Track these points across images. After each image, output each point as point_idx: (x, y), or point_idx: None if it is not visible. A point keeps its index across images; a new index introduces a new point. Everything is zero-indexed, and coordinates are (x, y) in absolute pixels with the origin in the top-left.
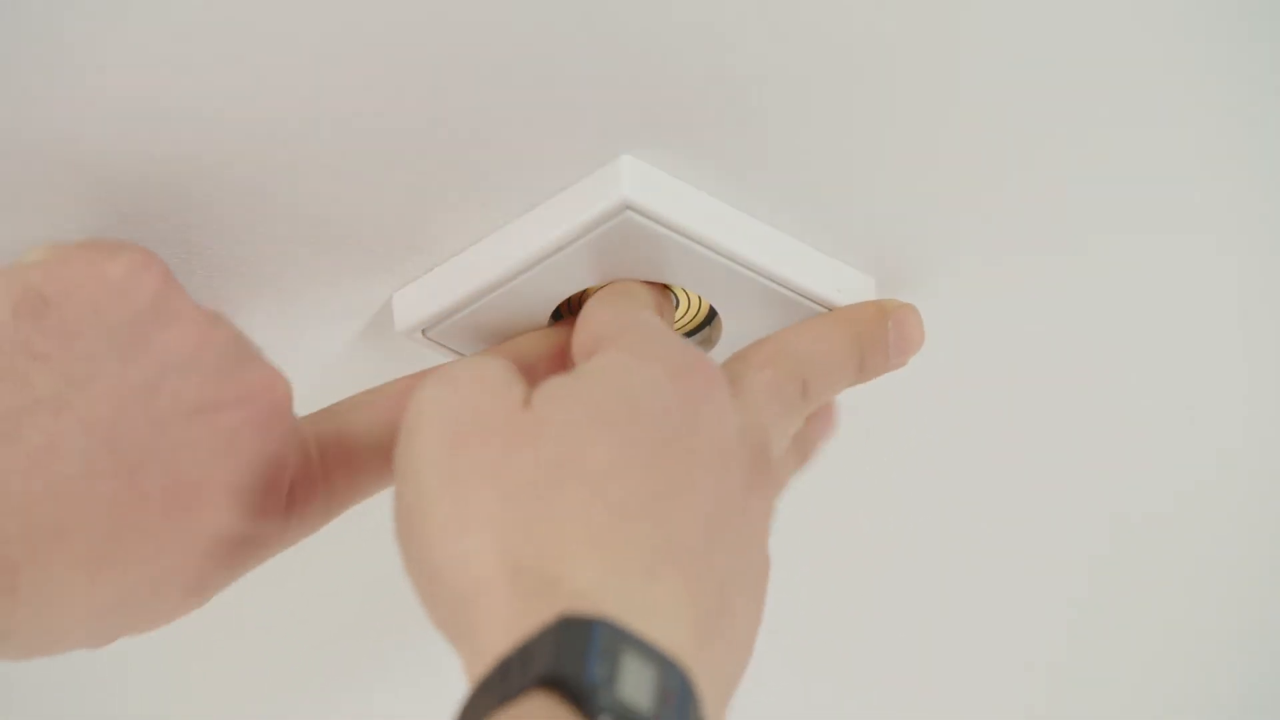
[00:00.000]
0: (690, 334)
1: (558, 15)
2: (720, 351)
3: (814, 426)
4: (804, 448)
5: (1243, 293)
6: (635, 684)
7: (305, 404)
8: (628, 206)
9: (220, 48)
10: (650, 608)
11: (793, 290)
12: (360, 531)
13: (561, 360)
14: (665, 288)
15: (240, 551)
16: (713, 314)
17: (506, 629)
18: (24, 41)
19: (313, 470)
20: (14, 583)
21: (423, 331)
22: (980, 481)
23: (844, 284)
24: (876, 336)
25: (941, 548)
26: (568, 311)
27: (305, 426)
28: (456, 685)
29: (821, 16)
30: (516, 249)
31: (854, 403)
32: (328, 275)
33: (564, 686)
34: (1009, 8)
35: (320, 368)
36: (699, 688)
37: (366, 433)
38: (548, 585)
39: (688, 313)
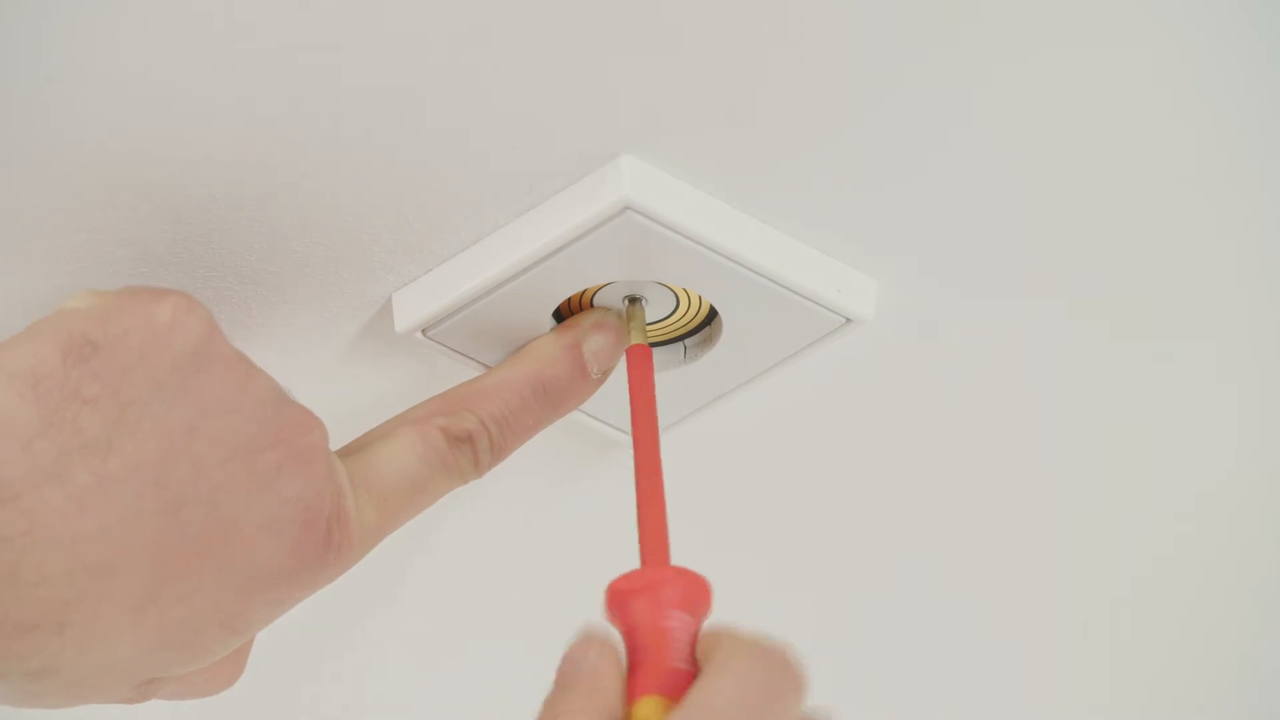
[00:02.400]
0: (690, 334)
1: (558, 14)
2: (722, 350)
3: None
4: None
5: (1252, 295)
6: None
7: (307, 404)
8: (628, 206)
9: (220, 49)
10: None
11: (793, 290)
12: None
13: (574, 357)
14: None
15: (280, 588)
16: (713, 314)
17: None
18: (19, 43)
19: (346, 505)
20: (63, 620)
21: (423, 331)
22: (982, 484)
23: (844, 284)
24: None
25: (940, 554)
26: (568, 311)
27: (338, 462)
28: None
29: (823, 17)
30: (516, 249)
31: (858, 402)
32: (328, 275)
33: None
34: (1010, 25)
35: (320, 368)
36: None
37: (389, 462)
38: None
39: (688, 313)
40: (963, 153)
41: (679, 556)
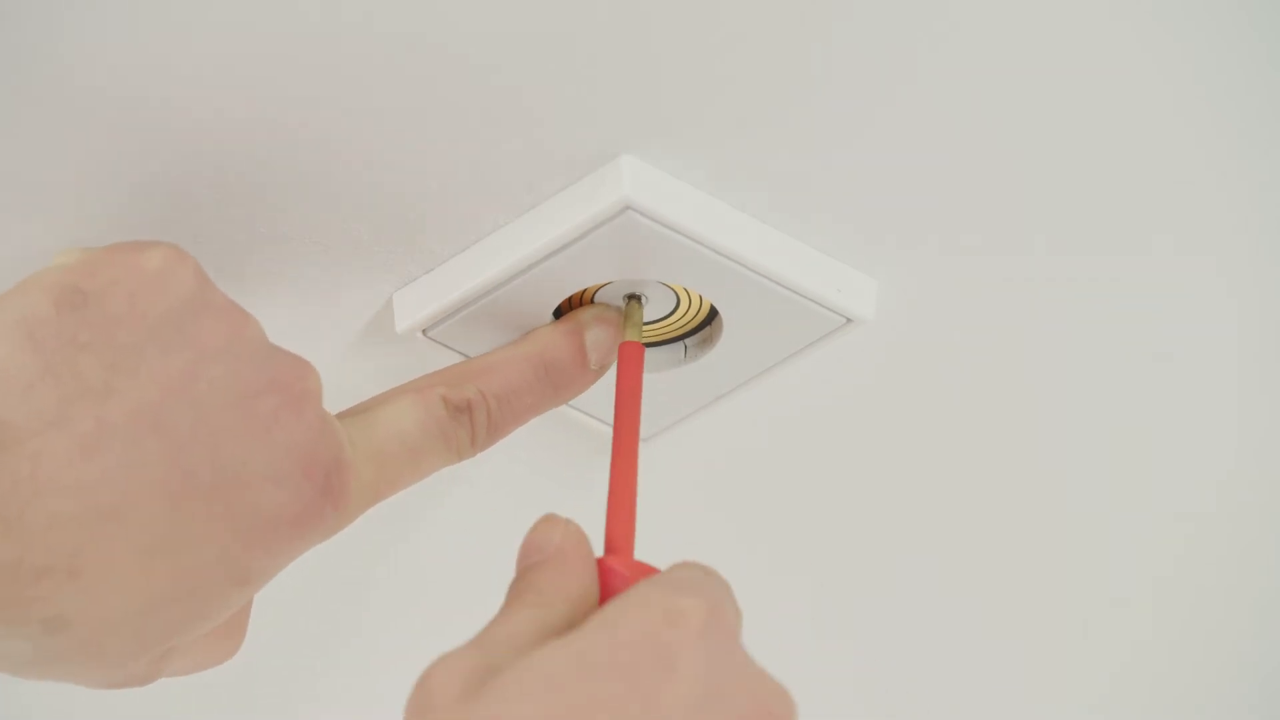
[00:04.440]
0: (690, 334)
1: (558, 15)
2: (722, 351)
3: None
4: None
5: (1242, 307)
6: None
7: None
8: (628, 206)
9: (220, 47)
10: None
11: (793, 290)
12: None
13: (575, 344)
14: None
15: (282, 537)
16: (713, 314)
17: None
18: (21, 33)
19: (346, 459)
20: (76, 565)
21: (423, 331)
22: (982, 484)
23: (844, 284)
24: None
25: (940, 554)
26: (568, 310)
27: (336, 419)
28: None
29: (824, 18)
30: (516, 249)
31: (858, 402)
32: (328, 275)
33: None
34: (1010, 22)
35: (320, 368)
36: None
37: (389, 423)
38: None
39: (687, 313)
40: (963, 153)
41: (683, 556)
